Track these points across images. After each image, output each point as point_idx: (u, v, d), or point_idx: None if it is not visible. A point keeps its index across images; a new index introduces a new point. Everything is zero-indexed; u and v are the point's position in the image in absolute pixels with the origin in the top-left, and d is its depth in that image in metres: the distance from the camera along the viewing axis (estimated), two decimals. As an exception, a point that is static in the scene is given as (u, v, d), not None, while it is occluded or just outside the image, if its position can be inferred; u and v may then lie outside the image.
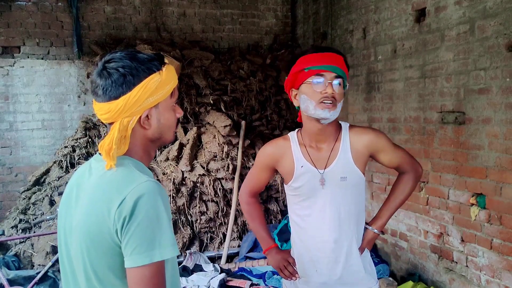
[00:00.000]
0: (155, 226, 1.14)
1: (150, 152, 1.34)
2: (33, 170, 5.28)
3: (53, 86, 5.50)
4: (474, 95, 3.16)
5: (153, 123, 1.27)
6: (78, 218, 1.23)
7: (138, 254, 1.11)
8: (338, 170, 1.81)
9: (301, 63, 1.75)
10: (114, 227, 1.14)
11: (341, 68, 1.73)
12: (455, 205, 3.41)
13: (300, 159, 1.86)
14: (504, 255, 2.99)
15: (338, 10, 5.03)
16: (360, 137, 1.84)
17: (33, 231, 4.73)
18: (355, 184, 1.84)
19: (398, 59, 3.99)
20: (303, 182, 1.86)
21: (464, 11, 3.22)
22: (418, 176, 2.00)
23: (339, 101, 1.74)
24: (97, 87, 1.23)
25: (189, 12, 6.03)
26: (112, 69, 1.21)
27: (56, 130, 5.54)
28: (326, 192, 1.83)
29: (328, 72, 1.71)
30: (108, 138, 1.21)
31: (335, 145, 1.83)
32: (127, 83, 1.21)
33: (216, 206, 4.86)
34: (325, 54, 1.75)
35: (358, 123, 4.64)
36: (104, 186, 1.20)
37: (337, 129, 1.85)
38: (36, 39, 5.42)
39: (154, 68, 1.24)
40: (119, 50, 1.29)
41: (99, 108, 1.24)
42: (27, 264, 4.54)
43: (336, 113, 1.74)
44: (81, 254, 1.21)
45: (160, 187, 1.21)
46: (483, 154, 3.11)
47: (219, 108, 5.32)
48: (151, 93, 1.22)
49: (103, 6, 5.68)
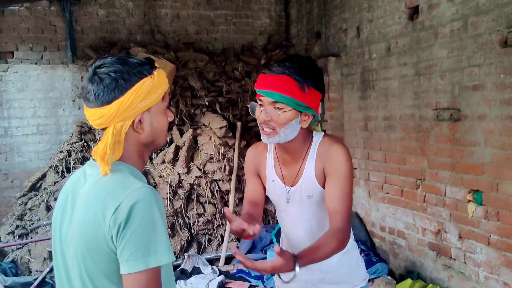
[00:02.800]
0: (151, 232, 1.14)
1: (144, 156, 1.34)
2: (29, 176, 5.25)
3: (48, 91, 5.47)
4: (469, 92, 3.16)
5: (146, 127, 1.27)
6: (74, 224, 1.23)
7: (134, 261, 1.11)
8: (304, 188, 1.75)
9: (257, 81, 1.70)
10: (110, 233, 1.14)
11: (281, 93, 1.58)
12: (452, 202, 3.41)
13: (271, 172, 1.84)
14: (502, 251, 2.99)
15: (332, 9, 5.03)
16: (323, 152, 1.72)
17: (30, 237, 4.70)
18: (322, 201, 1.74)
19: (392, 57, 3.99)
20: (274, 196, 1.86)
21: (457, 8, 3.22)
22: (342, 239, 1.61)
23: (281, 125, 1.62)
24: (88, 93, 1.22)
25: (183, 14, 6.02)
26: (104, 74, 1.21)
27: (51, 135, 5.51)
28: (294, 208, 1.81)
29: (264, 97, 1.63)
30: (102, 144, 1.21)
31: (303, 162, 1.76)
32: (119, 88, 1.20)
33: (213, 207, 4.85)
34: (268, 76, 1.63)
35: (354, 122, 4.64)
36: (99, 192, 1.20)
37: (306, 145, 1.76)
38: (30, 44, 5.40)
39: (146, 72, 1.24)
40: (110, 55, 1.28)
41: (92, 114, 1.24)
42: (25, 271, 4.52)
43: (278, 139, 1.65)
44: (77, 260, 1.21)
45: (155, 193, 1.21)
46: (479, 150, 3.11)
47: (214, 110, 5.31)
48: (143, 97, 1.22)
49: (96, 9, 5.66)
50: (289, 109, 1.61)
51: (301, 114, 1.66)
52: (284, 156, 1.79)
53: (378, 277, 3.86)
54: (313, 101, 1.65)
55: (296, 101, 1.60)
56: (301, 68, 1.62)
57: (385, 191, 4.22)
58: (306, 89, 1.61)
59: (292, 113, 1.62)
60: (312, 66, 1.67)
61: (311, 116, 1.68)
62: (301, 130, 1.70)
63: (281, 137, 1.66)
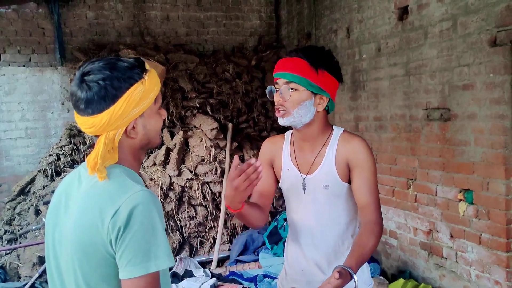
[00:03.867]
0: (150, 236, 1.12)
1: (140, 157, 1.32)
2: (17, 180, 5.20)
3: (36, 94, 5.42)
4: (459, 91, 3.17)
5: (139, 131, 1.24)
6: (69, 228, 1.20)
7: (134, 266, 1.10)
8: (321, 177, 1.75)
9: None
10: (108, 238, 1.12)
11: (293, 72, 1.65)
12: (443, 201, 3.41)
13: (287, 161, 1.84)
14: (493, 250, 3.00)
15: (322, 10, 5.03)
16: (345, 144, 1.74)
17: (19, 242, 4.64)
18: (339, 193, 1.76)
19: (382, 57, 3.99)
20: (288, 184, 1.84)
21: (446, 8, 3.23)
22: (379, 231, 1.65)
23: (294, 106, 1.66)
24: (78, 101, 1.18)
25: (173, 16, 6.00)
26: (92, 82, 1.16)
27: (40, 138, 5.46)
28: (308, 197, 1.79)
29: (279, 79, 1.69)
30: (94, 153, 1.18)
31: (321, 151, 1.77)
32: (110, 96, 1.16)
33: (205, 210, 4.82)
34: (284, 59, 1.70)
35: (344, 122, 4.64)
36: (96, 195, 1.18)
37: (325, 134, 1.78)
38: (17, 46, 5.34)
39: (136, 77, 1.20)
40: (98, 59, 1.23)
41: (83, 122, 1.20)
42: (14, 276, 4.46)
43: (292, 119, 1.69)
44: (72, 265, 1.19)
45: (154, 196, 1.19)
46: (469, 149, 3.12)
47: (205, 111, 5.28)
48: (135, 104, 1.19)
49: (85, 11, 5.61)
50: (302, 88, 1.65)
51: (315, 97, 1.69)
52: (301, 143, 1.80)
53: (371, 277, 3.86)
54: (327, 84, 1.69)
55: (309, 81, 1.65)
56: (314, 51, 1.69)
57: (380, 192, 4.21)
58: (319, 70, 1.66)
59: (305, 93, 1.66)
60: (327, 54, 1.73)
61: (326, 100, 1.71)
62: (319, 117, 1.73)
63: (295, 118, 1.68)
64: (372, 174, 1.71)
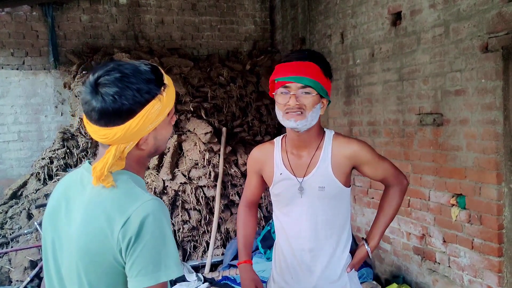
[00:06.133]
0: (161, 247, 1.11)
1: (145, 163, 1.31)
2: (9, 183, 5.15)
3: (29, 97, 5.39)
4: (451, 97, 3.19)
5: (150, 142, 1.22)
6: (72, 235, 1.17)
7: (144, 276, 1.09)
8: (317, 179, 1.78)
9: (275, 72, 1.76)
10: (118, 247, 1.10)
11: (310, 77, 1.68)
12: (436, 206, 3.43)
13: (279, 165, 1.85)
14: (485, 255, 3.01)
15: (316, 15, 5.05)
16: (343, 148, 1.79)
17: (11, 246, 4.60)
18: (334, 195, 1.79)
19: (376, 62, 4.01)
20: (282, 189, 1.85)
21: (438, 14, 3.26)
22: (404, 189, 1.92)
23: (309, 109, 1.70)
24: (92, 111, 1.13)
25: (167, 20, 6.00)
26: (108, 96, 1.10)
27: (33, 142, 5.42)
28: (303, 200, 1.81)
29: (293, 83, 1.69)
30: (101, 163, 1.14)
31: (315, 154, 1.80)
32: (125, 112, 1.12)
33: (198, 214, 4.81)
34: (294, 63, 1.71)
35: (339, 127, 4.65)
36: (103, 202, 1.15)
37: (319, 137, 1.82)
38: (11, 49, 5.32)
39: (154, 91, 1.15)
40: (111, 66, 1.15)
41: (94, 130, 1.16)
42: (5, 280, 4.42)
43: (305, 123, 1.71)
44: (77, 272, 1.16)
45: (163, 205, 1.17)
46: (462, 154, 3.14)
47: (199, 116, 5.28)
48: (152, 121, 1.16)
49: (79, 14, 5.60)
50: (315, 93, 1.71)
51: (321, 100, 1.75)
52: (296, 147, 1.83)
53: (364, 282, 3.86)
54: (329, 89, 1.79)
55: (322, 86, 1.71)
56: (321, 57, 1.78)
57: (370, 196, 4.23)
58: (328, 76, 1.76)
59: (317, 97, 1.72)
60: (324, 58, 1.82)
61: (326, 103, 1.79)
62: (319, 120, 1.79)
63: (307, 121, 1.72)
64: (378, 158, 1.84)
